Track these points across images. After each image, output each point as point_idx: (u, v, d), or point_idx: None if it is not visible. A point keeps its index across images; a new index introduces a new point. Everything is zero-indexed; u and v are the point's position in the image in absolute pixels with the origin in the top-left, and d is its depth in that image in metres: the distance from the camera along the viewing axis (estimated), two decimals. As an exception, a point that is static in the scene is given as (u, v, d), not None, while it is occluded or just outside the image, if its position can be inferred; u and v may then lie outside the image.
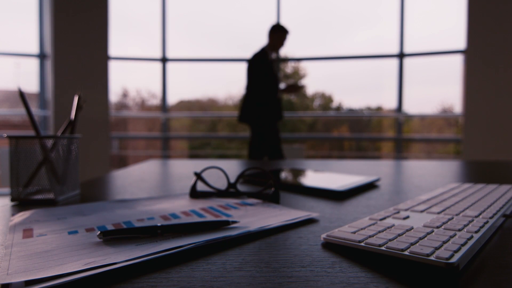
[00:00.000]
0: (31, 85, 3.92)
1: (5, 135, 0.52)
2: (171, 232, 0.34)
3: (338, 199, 0.55)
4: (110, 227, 0.38)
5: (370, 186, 0.68)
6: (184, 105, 4.53)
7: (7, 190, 3.59)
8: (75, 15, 3.73)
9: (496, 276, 0.25)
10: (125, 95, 4.46)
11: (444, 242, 0.29)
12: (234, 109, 4.62)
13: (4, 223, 0.41)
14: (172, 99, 4.29)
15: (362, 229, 0.33)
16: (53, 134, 1.23)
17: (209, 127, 4.50)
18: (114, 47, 3.97)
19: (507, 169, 1.01)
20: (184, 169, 0.97)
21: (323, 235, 0.33)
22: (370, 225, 0.35)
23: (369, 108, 4.26)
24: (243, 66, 2.72)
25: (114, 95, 4.21)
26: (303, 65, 4.40)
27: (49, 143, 0.53)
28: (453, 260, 0.25)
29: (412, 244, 0.29)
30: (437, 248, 0.27)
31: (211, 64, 4.27)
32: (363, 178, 0.71)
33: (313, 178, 0.74)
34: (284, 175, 0.79)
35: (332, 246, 0.32)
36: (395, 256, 0.28)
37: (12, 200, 0.52)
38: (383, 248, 0.28)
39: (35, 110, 3.92)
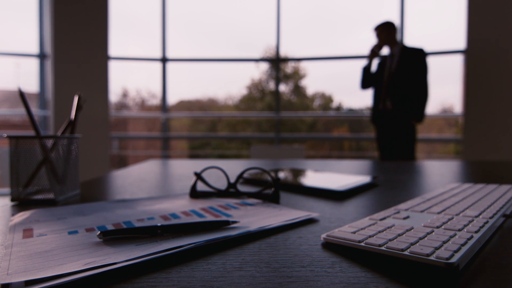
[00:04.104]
0: (31, 85, 3.92)
1: (5, 135, 0.52)
2: (171, 232, 0.34)
3: (338, 199, 0.55)
4: (110, 227, 0.38)
5: (370, 186, 0.68)
6: (184, 105, 4.53)
7: (7, 190, 3.59)
8: (75, 15, 3.73)
9: (496, 276, 0.25)
10: (125, 95, 4.46)
11: (444, 242, 0.29)
12: (234, 109, 4.62)
13: (4, 223, 0.41)
14: (172, 99, 4.29)
15: (362, 229, 0.33)
16: (53, 134, 1.23)
17: (209, 127, 4.50)
18: (114, 47, 3.97)
19: (507, 169, 1.01)
20: (184, 169, 0.97)
21: (323, 235, 0.33)
22: (370, 225, 0.35)
23: (369, 108, 4.26)
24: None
25: (114, 95, 4.21)
26: (303, 65, 4.40)
27: (49, 143, 0.53)
28: (453, 260, 0.25)
29: (412, 244, 0.29)
30: (437, 248, 0.27)
31: (211, 64, 4.27)
32: (363, 178, 0.71)
33: (313, 178, 0.74)
34: (284, 175, 0.79)
35: (332, 246, 0.32)
36: (395, 256, 0.28)
37: (12, 200, 0.52)
38: (383, 248, 0.28)
39: (35, 110, 3.92)
